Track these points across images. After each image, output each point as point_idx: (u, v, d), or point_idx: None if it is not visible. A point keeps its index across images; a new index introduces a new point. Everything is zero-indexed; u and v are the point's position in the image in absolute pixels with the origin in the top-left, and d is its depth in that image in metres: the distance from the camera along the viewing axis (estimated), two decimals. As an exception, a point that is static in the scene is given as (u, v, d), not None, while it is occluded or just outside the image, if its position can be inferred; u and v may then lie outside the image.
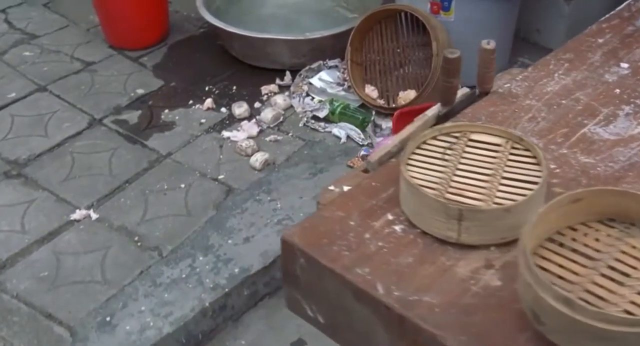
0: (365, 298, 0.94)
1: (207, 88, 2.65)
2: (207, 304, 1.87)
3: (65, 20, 3.13)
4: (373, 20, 2.48)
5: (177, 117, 2.52)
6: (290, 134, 2.43)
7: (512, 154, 1.05)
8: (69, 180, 2.27)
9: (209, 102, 2.55)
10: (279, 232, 2.06)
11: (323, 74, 2.56)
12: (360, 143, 2.34)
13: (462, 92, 1.26)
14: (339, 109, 2.41)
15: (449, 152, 1.07)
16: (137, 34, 2.85)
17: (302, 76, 2.59)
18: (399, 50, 2.49)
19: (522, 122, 1.20)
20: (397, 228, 1.02)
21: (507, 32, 2.55)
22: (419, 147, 1.08)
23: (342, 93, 2.51)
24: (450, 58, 1.15)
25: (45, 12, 3.20)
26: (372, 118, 2.39)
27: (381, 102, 2.44)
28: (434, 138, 1.10)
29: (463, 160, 1.05)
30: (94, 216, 2.13)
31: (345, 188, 1.11)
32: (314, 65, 2.59)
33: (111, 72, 2.77)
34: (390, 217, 1.04)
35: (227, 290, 1.91)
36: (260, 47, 2.63)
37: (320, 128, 2.42)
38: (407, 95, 2.37)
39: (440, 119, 1.23)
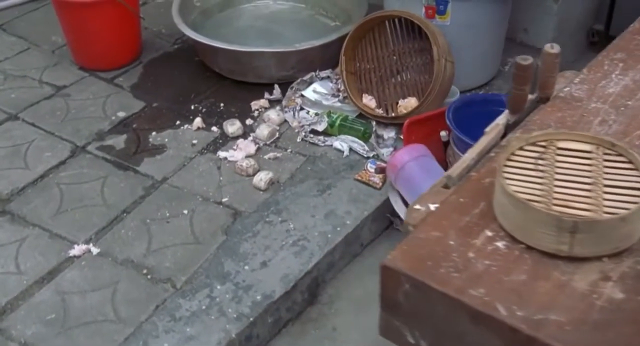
0: (485, 320, 0.93)
1: (192, 107, 2.60)
2: (233, 335, 1.83)
3: (26, 43, 3.03)
4: (365, 28, 2.47)
5: (166, 139, 2.47)
6: (289, 150, 2.41)
7: (606, 160, 1.06)
8: (60, 214, 2.19)
9: (198, 121, 2.50)
10: (296, 254, 2.04)
11: (316, 86, 2.55)
12: (365, 155, 2.33)
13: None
14: (338, 121, 2.40)
15: (540, 162, 1.07)
16: (110, 53, 2.78)
17: (293, 89, 2.57)
18: (394, 58, 2.49)
19: (593, 126, 1.21)
20: (500, 244, 1.01)
21: (500, 34, 2.59)
22: (508, 159, 1.08)
23: (338, 104, 2.50)
24: (524, 65, 1.15)
25: (1, 35, 3.09)
26: (374, 128, 2.38)
27: (380, 111, 2.44)
28: (521, 148, 1.09)
29: (558, 170, 1.05)
30: (95, 250, 2.06)
31: (432, 206, 1.10)
32: (306, 77, 2.57)
33: (86, 95, 2.69)
34: (489, 233, 1.03)
35: (252, 319, 1.87)
36: (247, 61, 2.60)
37: (320, 142, 2.40)
38: (408, 103, 2.38)
39: (508, 128, 1.23)
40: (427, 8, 2.40)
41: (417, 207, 1.10)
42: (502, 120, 1.22)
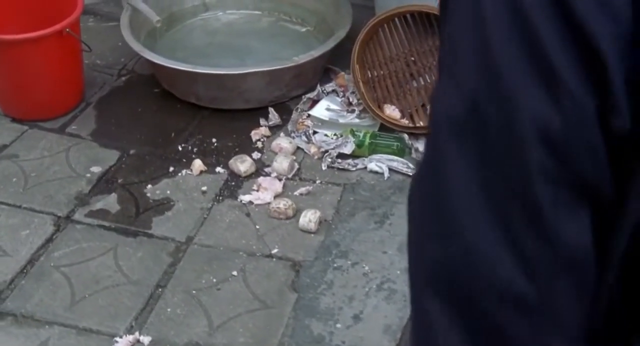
0: None
1: (180, 148, 2.45)
2: (361, 409, 1.75)
3: None
4: (374, 29, 2.44)
5: (168, 192, 2.31)
6: (318, 181, 2.33)
7: None
8: (77, 303, 1.99)
9: (198, 164, 2.36)
10: (387, 299, 1.98)
11: (328, 103, 2.48)
12: (410, 173, 2.30)
13: None
14: (367, 139, 2.35)
15: None
16: (54, 98, 2.57)
17: (299, 110, 2.49)
18: (412, 59, 2.48)
19: None
20: None
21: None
22: None
23: (357, 120, 2.45)
24: None
25: None
26: (410, 142, 2.36)
27: (405, 121, 2.41)
28: None
29: None
30: (146, 340, 1.89)
31: None
32: (312, 95, 2.50)
33: (39, 153, 2.46)
34: None
35: (373, 384, 1.79)
36: (234, 86, 2.49)
37: (351, 167, 2.34)
38: (441, 108, 2.37)
39: None
40: (443, -2, 2.40)
41: None
42: None
